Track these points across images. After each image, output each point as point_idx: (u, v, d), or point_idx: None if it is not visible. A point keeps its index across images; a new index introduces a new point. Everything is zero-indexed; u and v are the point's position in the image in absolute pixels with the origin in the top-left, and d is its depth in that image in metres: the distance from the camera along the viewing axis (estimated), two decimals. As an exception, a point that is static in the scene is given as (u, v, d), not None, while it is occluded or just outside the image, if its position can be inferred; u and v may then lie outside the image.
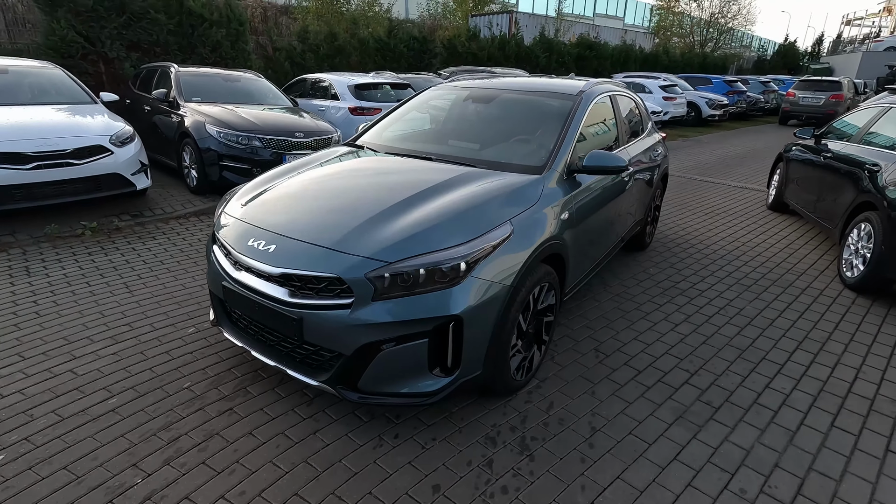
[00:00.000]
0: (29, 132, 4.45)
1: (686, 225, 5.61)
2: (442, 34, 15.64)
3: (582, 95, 3.18)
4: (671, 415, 2.43)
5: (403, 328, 1.94)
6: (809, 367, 2.91)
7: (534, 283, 2.33)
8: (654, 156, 4.23)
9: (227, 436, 2.13)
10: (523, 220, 2.28)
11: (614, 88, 3.77)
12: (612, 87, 3.78)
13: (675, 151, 11.08)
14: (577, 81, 3.53)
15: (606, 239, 3.40)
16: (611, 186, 3.24)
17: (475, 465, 2.03)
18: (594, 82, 3.53)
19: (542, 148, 2.82)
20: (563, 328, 3.22)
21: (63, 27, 7.93)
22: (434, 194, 2.33)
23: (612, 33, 22.13)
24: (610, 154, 2.78)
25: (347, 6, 16.08)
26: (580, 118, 3.00)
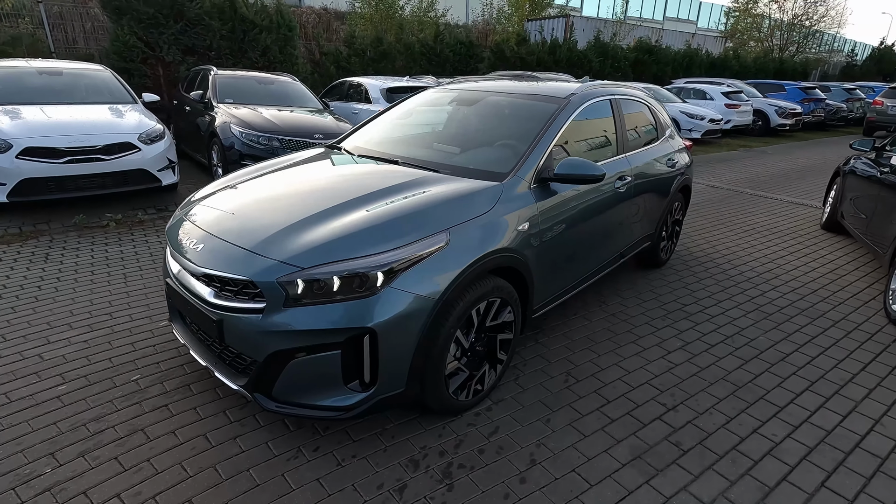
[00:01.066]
0: (64, 129, 4.80)
1: (717, 243, 5.14)
2: (493, 38, 15.50)
3: (570, 99, 2.96)
4: (628, 454, 2.18)
5: (314, 338, 1.85)
6: (815, 412, 2.53)
7: (477, 298, 2.16)
8: (669, 166, 3.89)
9: (150, 432, 2.13)
10: (466, 230, 2.13)
11: (620, 92, 3.49)
12: (619, 90, 3.51)
13: (729, 162, 10.32)
14: (569, 84, 3.30)
15: (596, 254, 3.14)
16: (600, 197, 2.99)
17: (385, 490, 1.90)
18: (590, 85, 3.29)
19: (514, 154, 2.64)
20: (540, 347, 3.01)
21: (126, 33, 8.58)
22: (375, 199, 2.22)
23: (676, 37, 21.02)
24: (585, 162, 2.55)
25: (401, 12, 16.34)
26: (560, 124, 2.78)
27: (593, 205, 2.94)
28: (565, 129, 2.83)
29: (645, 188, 3.54)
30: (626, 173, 3.25)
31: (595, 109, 3.18)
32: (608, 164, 3.14)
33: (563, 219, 2.70)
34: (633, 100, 3.67)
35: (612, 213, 3.15)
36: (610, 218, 3.15)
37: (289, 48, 10.47)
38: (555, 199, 2.64)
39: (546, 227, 2.56)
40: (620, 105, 3.41)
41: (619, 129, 3.33)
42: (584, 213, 2.87)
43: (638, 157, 3.47)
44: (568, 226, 2.75)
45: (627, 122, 3.47)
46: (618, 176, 3.16)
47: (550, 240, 2.62)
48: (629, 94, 3.62)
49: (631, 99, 3.62)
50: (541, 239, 2.53)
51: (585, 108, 3.04)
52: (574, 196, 2.78)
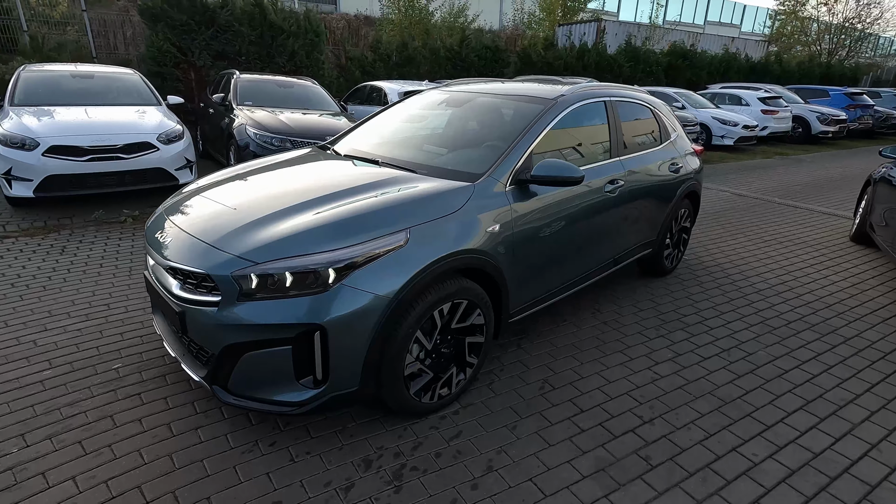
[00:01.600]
0: (88, 128, 5.05)
1: (732, 253, 4.92)
2: (521, 44, 15.42)
3: (558, 101, 2.90)
4: (592, 466, 2.10)
5: (266, 332, 1.87)
6: (805, 433, 2.37)
7: (440, 299, 2.13)
8: (672, 171, 3.75)
9: (118, 419, 2.19)
10: (428, 230, 2.11)
11: (617, 94, 3.40)
12: (616, 92, 3.42)
13: (762, 170, 9.91)
14: (561, 86, 3.24)
15: (584, 259, 3.06)
16: (587, 200, 2.91)
17: (331, 488, 1.89)
18: (584, 86, 3.21)
19: (493, 155, 2.60)
20: (521, 353, 2.94)
21: (160, 40, 8.98)
22: (341, 198, 2.23)
23: (714, 41, 20.35)
24: (563, 164, 2.49)
25: (431, 18, 16.48)
26: (543, 125, 2.73)
27: (579, 208, 2.87)
28: (550, 131, 2.77)
29: (642, 193, 3.43)
30: (619, 177, 3.15)
31: (587, 111, 3.10)
32: (599, 167, 3.06)
33: (544, 221, 2.65)
34: (634, 102, 3.56)
35: (601, 217, 3.06)
36: (599, 222, 3.06)
37: (315, 53, 10.70)
38: (534, 201, 2.58)
39: (523, 229, 2.51)
40: (616, 107, 3.31)
41: (614, 131, 3.24)
42: (569, 217, 2.80)
43: (635, 161, 3.36)
44: (549, 229, 2.69)
45: (624, 125, 3.37)
46: (608, 179, 3.07)
47: (528, 242, 2.57)
48: (628, 97, 3.52)
49: (630, 101, 3.52)
50: (517, 241, 2.48)
51: (575, 110, 2.97)
52: (558, 199, 2.72)
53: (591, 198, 2.94)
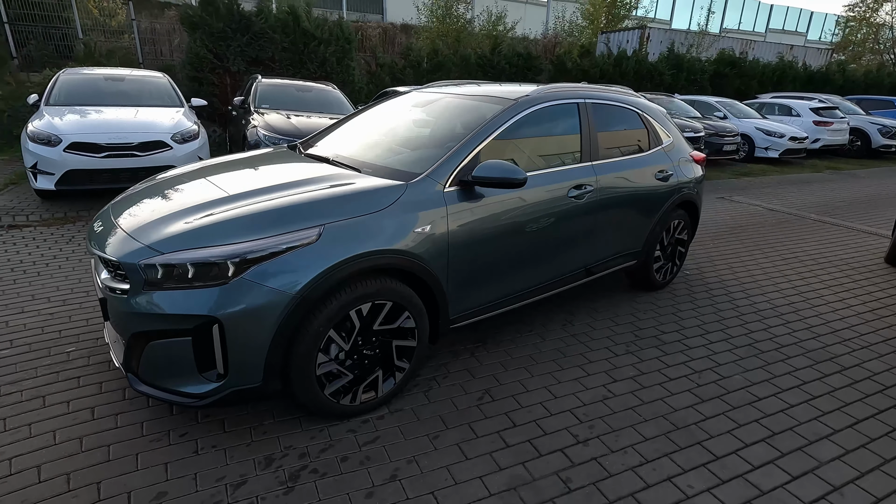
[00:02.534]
0: (107, 127, 5.36)
1: (742, 269, 4.58)
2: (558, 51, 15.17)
3: (518, 101, 2.80)
4: (504, 484, 1.97)
5: (167, 322, 1.88)
6: (758, 468, 2.13)
7: (357, 298, 2.08)
8: (661, 178, 3.53)
9: (48, 400, 2.27)
10: (345, 227, 2.06)
11: (595, 96, 3.24)
12: (593, 94, 3.26)
13: (806, 185, 9.25)
14: (527, 87, 3.12)
15: (544, 266, 2.91)
16: (546, 205, 2.78)
17: (223, 484, 1.87)
18: (551, 87, 3.08)
19: (437, 155, 2.53)
20: (472, 361, 2.83)
21: (198, 46, 9.46)
22: (269, 192, 2.22)
23: (768, 49, 19.24)
24: (505, 165, 2.39)
25: (469, 27, 16.54)
26: (496, 126, 2.63)
27: (536, 213, 2.74)
28: (505, 132, 2.67)
29: (620, 200, 3.24)
30: (587, 182, 3.00)
31: (554, 113, 2.97)
32: (562, 171, 2.92)
33: (492, 225, 2.54)
34: (616, 105, 3.39)
35: (565, 223, 2.91)
36: (562, 228, 2.91)
37: (346, 60, 10.94)
38: (480, 203, 2.49)
39: (463, 232, 2.42)
40: (592, 110, 3.16)
41: (587, 134, 3.09)
42: (523, 221, 2.68)
43: (610, 167, 3.18)
44: (498, 233, 2.58)
45: (601, 129, 3.21)
46: (574, 184, 2.92)
47: (471, 246, 2.47)
48: (610, 100, 3.35)
49: (611, 104, 3.35)
50: (455, 244, 2.39)
51: (538, 111, 2.86)
52: (508, 202, 2.61)
53: (550, 203, 2.81)
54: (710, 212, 6.79)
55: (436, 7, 16.35)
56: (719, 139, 10.47)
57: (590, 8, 20.75)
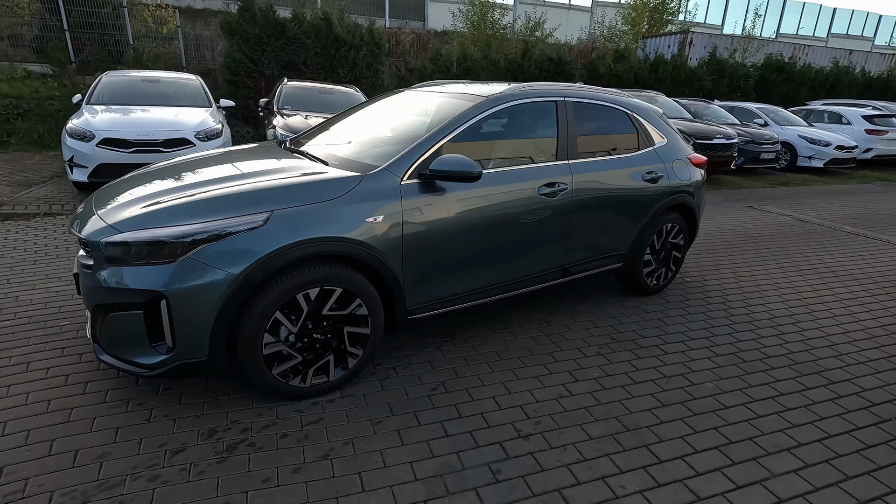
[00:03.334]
0: (136, 125, 5.74)
1: (749, 279, 4.38)
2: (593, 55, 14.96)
3: (489, 98, 2.82)
4: (433, 470, 1.99)
5: (122, 296, 2.02)
6: (703, 475, 2.06)
7: (304, 283, 2.17)
8: (649, 179, 3.45)
9: (32, 366, 2.48)
10: (294, 214, 2.15)
11: (575, 94, 3.21)
12: (575, 92, 3.24)
13: (847, 196, 8.73)
14: (507, 85, 3.13)
15: (511, 263, 2.91)
16: (512, 202, 2.78)
17: (163, 449, 1.99)
18: (528, 85, 3.08)
19: (401, 149, 2.59)
20: (435, 353, 2.87)
21: (235, 51, 9.95)
22: (233, 181, 2.35)
23: (823, 54, 18.21)
24: (460, 159, 2.43)
25: (503, 31, 16.57)
26: (460, 122, 2.67)
27: (502, 209, 2.75)
28: (471, 129, 2.71)
29: (601, 201, 3.20)
30: (561, 181, 2.98)
31: (529, 110, 2.99)
32: (533, 168, 2.91)
33: (455, 219, 2.58)
34: (599, 104, 3.34)
35: (535, 221, 2.91)
36: (532, 226, 2.90)
37: (376, 64, 11.21)
38: (442, 197, 2.53)
39: (420, 224, 2.47)
40: (572, 109, 3.13)
41: (564, 132, 3.07)
42: (488, 217, 2.70)
43: (589, 166, 3.15)
44: (462, 227, 2.62)
45: (581, 128, 3.18)
46: (545, 182, 2.91)
47: (429, 239, 2.52)
48: (593, 99, 3.31)
49: (595, 103, 3.31)
50: (411, 236, 2.44)
51: (511, 108, 2.88)
52: (473, 197, 2.64)
53: (518, 199, 2.81)
54: (733, 220, 6.53)
55: (471, 13, 16.48)
56: (756, 147, 10.02)
57: (631, 12, 20.35)
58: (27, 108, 8.97)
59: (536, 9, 20.55)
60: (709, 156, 8.81)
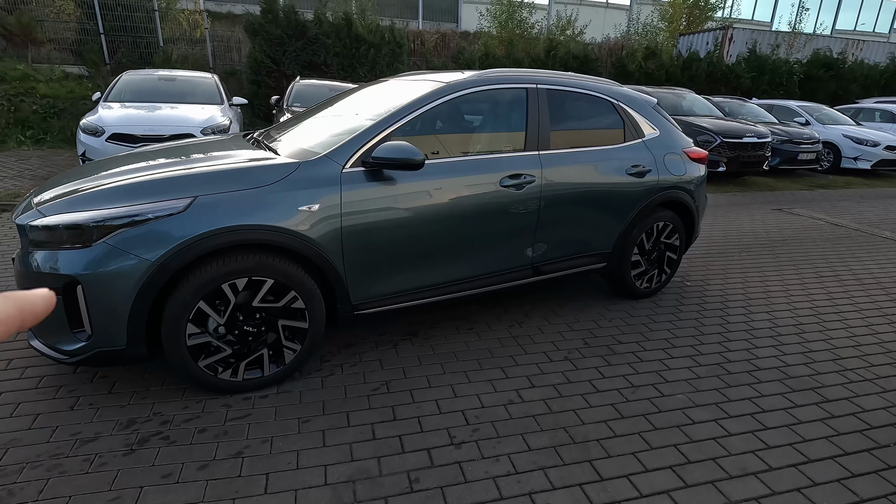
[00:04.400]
0: (145, 120, 5.90)
1: (759, 284, 4.03)
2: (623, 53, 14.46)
3: (448, 84, 2.68)
4: (346, 475, 1.86)
5: (42, 280, 1.99)
6: (645, 497, 1.84)
7: (229, 272, 2.09)
8: (633, 173, 3.20)
9: (-19, 350, 2.51)
10: (219, 200, 2.07)
11: (550, 81, 3.01)
12: (550, 79, 3.04)
13: (892, 200, 8.03)
14: (471, 72, 2.97)
15: (469, 259, 2.74)
16: (472, 193, 2.63)
17: (76, 438, 1.94)
18: (493, 71, 2.91)
19: (346, 136, 2.48)
20: (389, 353, 2.74)
21: (257, 51, 10.16)
22: (172, 167, 2.30)
23: (878, 50, 16.94)
24: (402, 146, 2.30)
25: (531, 31, 16.28)
26: (413, 108, 2.54)
27: (458, 201, 2.60)
28: (425, 116, 2.57)
29: (576, 195, 2.99)
30: (528, 172, 2.79)
31: (493, 97, 2.83)
32: (497, 159, 2.74)
33: (404, 210, 2.45)
34: (582, 93, 3.13)
35: (497, 215, 2.73)
36: (493, 221, 2.73)
37: (396, 63, 11.21)
38: (390, 186, 2.41)
39: (367, 214, 2.35)
40: (546, 96, 2.94)
41: (534, 122, 2.88)
42: (442, 208, 2.55)
43: (562, 158, 2.94)
44: (413, 219, 2.48)
45: (557, 117, 2.98)
46: (509, 174, 2.73)
47: (378, 231, 2.39)
48: (574, 86, 3.10)
49: (575, 91, 3.10)
50: (353, 227, 2.33)
51: (473, 96, 2.72)
52: (424, 187, 2.50)
53: (476, 191, 2.65)
54: (756, 223, 6.09)
55: (499, 12, 16.27)
56: (793, 147, 9.37)
57: (669, 9, 19.59)
58: (62, 108, 9.44)
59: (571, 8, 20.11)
60: (738, 156, 8.35)
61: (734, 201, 7.40)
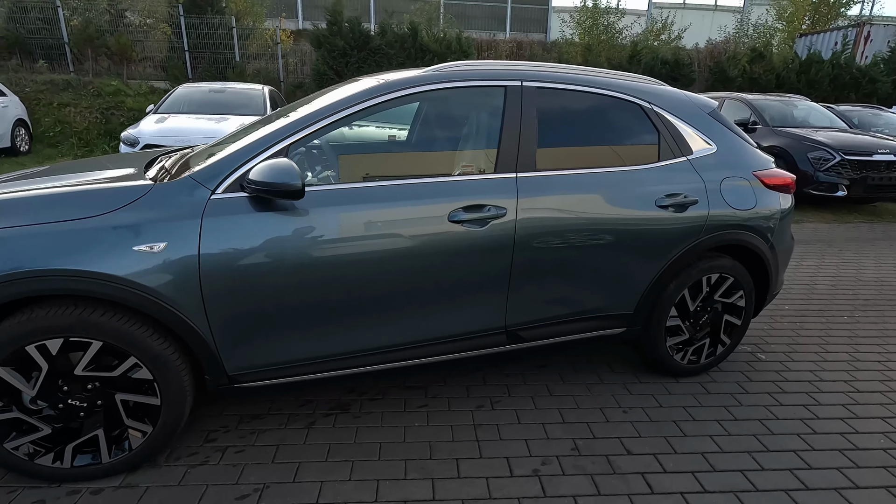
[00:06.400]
0: (179, 132, 5.88)
1: (881, 367, 2.80)
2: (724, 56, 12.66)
3: (383, 84, 1.98)
4: None
5: None
6: None
7: (36, 331, 1.56)
8: (668, 205, 2.25)
9: None
10: (20, 236, 1.56)
11: (546, 76, 2.19)
12: (546, 74, 2.21)
13: None
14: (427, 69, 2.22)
15: (404, 321, 1.99)
16: (404, 231, 1.89)
17: None
18: (461, 65, 2.15)
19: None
20: (295, 435, 2.07)
21: (320, 63, 10.16)
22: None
23: None
24: (280, 167, 1.67)
25: (619, 36, 14.98)
26: (323, 116, 1.88)
27: (388, 241, 1.88)
28: (340, 123, 1.91)
29: (575, 237, 2.13)
30: (496, 203, 1.99)
31: (455, 100, 2.10)
32: (448, 183, 1.99)
33: (303, 252, 1.79)
34: (593, 93, 2.26)
35: (449, 261, 1.96)
36: (443, 268, 1.96)
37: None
38: (283, 218, 1.77)
39: (246, 257, 1.73)
40: (533, 97, 2.12)
41: (512, 132, 2.07)
42: (364, 252, 1.86)
43: (553, 182, 2.10)
44: (315, 264, 1.81)
45: (550, 126, 2.16)
46: (464, 205, 1.95)
47: (264, 279, 1.76)
48: (583, 84, 2.24)
49: (581, 91, 2.24)
50: (221, 272, 1.71)
51: (423, 96, 2.02)
52: (338, 222, 1.83)
53: (413, 228, 1.90)
54: (884, 268, 4.60)
55: (583, 18, 15.18)
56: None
57: (789, 6, 17.12)
58: (144, 120, 10.10)
59: (673, 12, 18.34)
60: (864, 177, 6.61)
61: (855, 235, 5.79)
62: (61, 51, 10.99)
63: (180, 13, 10.92)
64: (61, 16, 10.77)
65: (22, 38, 10.69)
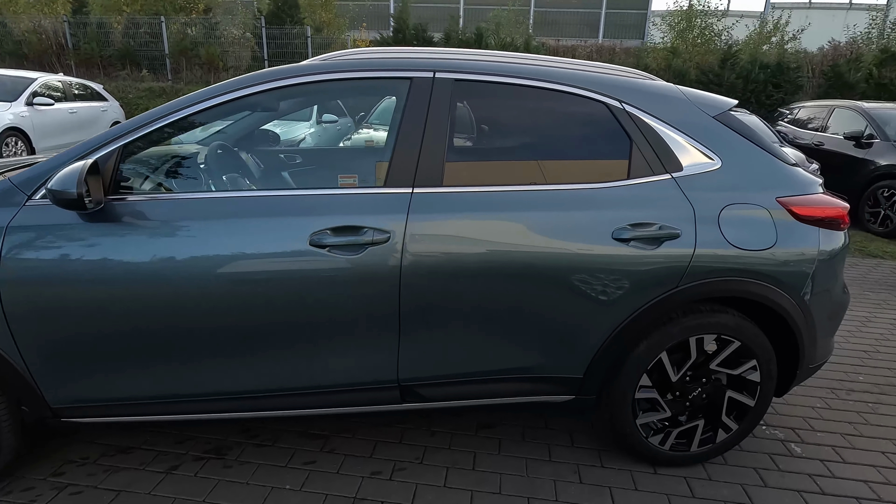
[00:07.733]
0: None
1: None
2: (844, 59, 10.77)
3: (246, 77, 1.64)
4: None
5: None
6: None
7: None
8: (623, 239, 1.65)
9: None
10: None
11: (472, 67, 1.71)
12: (479, 63, 1.74)
13: None
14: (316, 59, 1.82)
15: (259, 361, 1.62)
16: (251, 253, 1.53)
17: None
18: (350, 53, 1.74)
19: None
20: (140, 481, 1.78)
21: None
22: None
23: None
24: (66, 175, 1.36)
25: (717, 39, 13.45)
26: (170, 111, 1.57)
27: (237, 265, 1.53)
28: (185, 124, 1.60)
29: (492, 274, 1.62)
30: (376, 226, 1.55)
31: (340, 95, 1.72)
32: (318, 197, 1.58)
33: (132, 271, 1.50)
34: (541, 87, 1.73)
35: (312, 293, 1.56)
36: (306, 303, 1.56)
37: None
38: (109, 230, 1.50)
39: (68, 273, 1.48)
40: (448, 92, 1.66)
41: (412, 136, 1.62)
42: (206, 276, 1.52)
43: (464, 202, 1.61)
44: (147, 286, 1.52)
45: (471, 130, 1.68)
46: (332, 226, 1.54)
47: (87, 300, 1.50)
48: (524, 75, 1.73)
49: (524, 84, 1.72)
50: (34, 291, 1.47)
51: (293, 91, 1.64)
52: (157, 236, 1.52)
53: (266, 250, 1.53)
54: None
55: (676, 21, 13.85)
56: None
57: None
58: (221, 125, 10.79)
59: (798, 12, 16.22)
60: None
61: None
62: (163, 62, 12.12)
63: (262, 24, 11.56)
64: (164, 30, 11.89)
65: (132, 51, 11.94)
